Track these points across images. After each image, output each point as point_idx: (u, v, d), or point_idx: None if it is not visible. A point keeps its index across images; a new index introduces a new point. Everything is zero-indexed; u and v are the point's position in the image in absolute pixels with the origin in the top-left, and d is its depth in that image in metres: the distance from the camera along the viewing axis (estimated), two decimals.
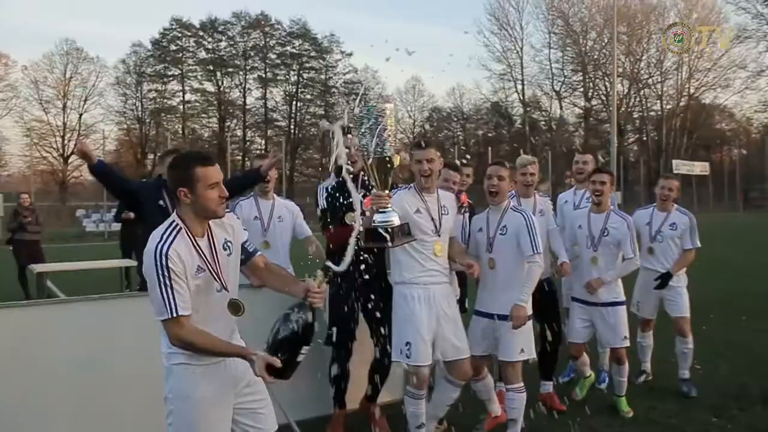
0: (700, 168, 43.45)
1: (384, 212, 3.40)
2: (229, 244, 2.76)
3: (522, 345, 4.10)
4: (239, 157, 43.09)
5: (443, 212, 4.01)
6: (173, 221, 2.65)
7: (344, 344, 4.29)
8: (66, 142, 42.27)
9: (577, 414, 4.78)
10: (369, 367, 4.45)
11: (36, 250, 10.79)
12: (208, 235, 2.70)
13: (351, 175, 3.22)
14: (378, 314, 4.21)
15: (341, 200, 4.23)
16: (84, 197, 40.70)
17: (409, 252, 3.89)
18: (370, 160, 3.32)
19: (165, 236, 2.57)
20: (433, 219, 3.95)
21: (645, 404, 5.03)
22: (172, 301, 2.50)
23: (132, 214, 10.99)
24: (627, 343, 4.83)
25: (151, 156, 44.73)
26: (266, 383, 2.67)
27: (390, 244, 3.41)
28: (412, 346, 3.81)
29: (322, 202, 4.35)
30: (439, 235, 3.95)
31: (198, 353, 2.61)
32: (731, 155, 55.33)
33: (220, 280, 2.67)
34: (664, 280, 5.23)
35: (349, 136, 3.68)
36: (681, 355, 5.38)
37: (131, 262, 10.02)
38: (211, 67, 44.89)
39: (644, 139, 53.37)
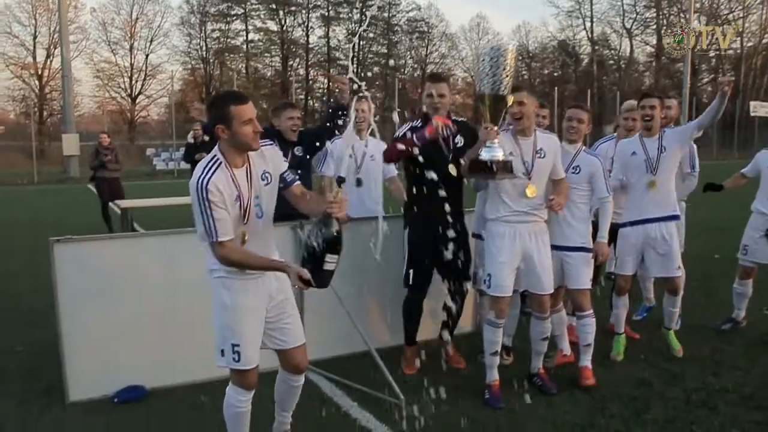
0: None
1: (490, 147, 3.68)
2: (267, 174, 3.06)
3: (589, 274, 4.47)
4: (302, 96, 43.33)
5: (538, 155, 4.11)
6: (214, 155, 2.93)
7: (420, 287, 4.48)
8: (133, 82, 43.34)
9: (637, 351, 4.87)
10: (442, 305, 4.60)
11: (117, 187, 11.36)
12: (247, 167, 2.97)
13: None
14: (453, 256, 4.32)
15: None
16: (150, 136, 42.00)
17: (501, 192, 4.11)
18: (486, 94, 3.62)
19: (206, 170, 2.86)
20: (524, 162, 4.08)
21: (710, 346, 5.13)
22: (213, 227, 2.85)
23: (205, 155, 11.43)
24: (680, 273, 4.85)
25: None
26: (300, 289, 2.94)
27: (493, 177, 3.72)
28: (492, 278, 4.12)
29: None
30: (530, 178, 4.08)
31: (241, 269, 2.96)
32: None
33: (253, 208, 2.97)
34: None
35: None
36: None
37: None
38: (274, 6, 44.75)
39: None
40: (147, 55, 43.57)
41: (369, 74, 47.36)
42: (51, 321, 5.65)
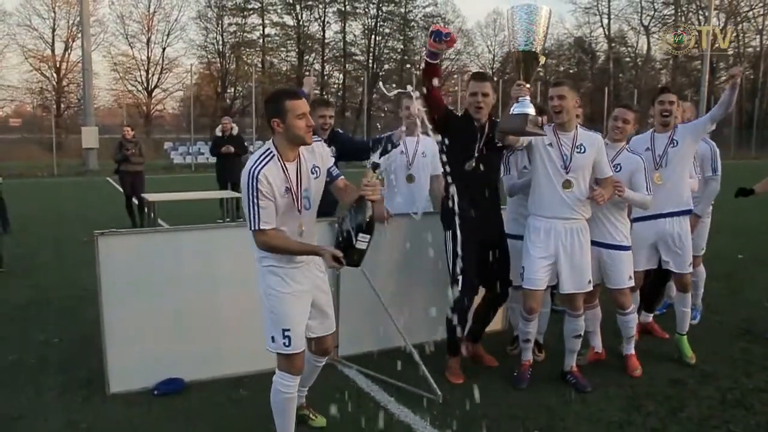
0: None
1: (522, 102, 3.74)
2: (317, 168, 3.23)
3: (629, 272, 4.49)
4: (317, 91, 43.34)
5: (578, 150, 4.14)
6: (268, 148, 3.11)
7: (471, 292, 4.37)
8: (150, 75, 43.54)
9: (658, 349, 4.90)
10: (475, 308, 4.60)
11: (139, 181, 11.39)
12: (298, 162, 3.15)
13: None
14: (500, 259, 4.36)
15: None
16: (166, 129, 42.21)
17: (539, 185, 4.19)
18: (519, 50, 3.69)
19: (259, 160, 3.04)
20: (563, 156, 4.12)
21: (739, 345, 5.14)
22: (257, 215, 3.01)
23: (233, 148, 11.51)
24: (692, 270, 4.85)
25: (230, 89, 45.57)
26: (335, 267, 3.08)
27: (523, 131, 3.75)
28: (525, 271, 4.25)
29: None
30: (567, 172, 4.11)
31: (280, 254, 3.12)
32: None
33: (303, 200, 3.16)
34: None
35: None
36: None
37: (232, 194, 10.50)
38: (291, 0, 44.77)
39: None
40: (164, 49, 43.73)
41: (385, 67, 47.37)
42: (82, 313, 5.81)
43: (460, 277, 4.18)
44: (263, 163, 3.04)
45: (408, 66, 46.08)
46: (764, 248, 5.13)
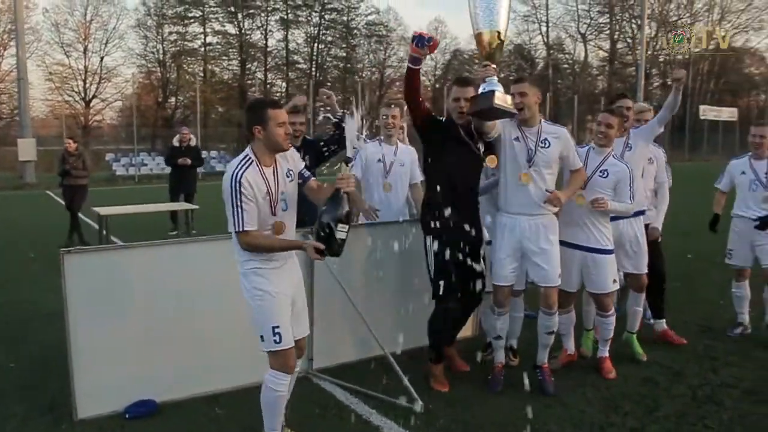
0: (727, 114, 42.62)
1: (488, 82, 3.86)
2: (291, 172, 3.40)
3: (613, 275, 4.58)
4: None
5: (542, 144, 4.20)
6: (247, 154, 3.24)
7: (452, 297, 4.30)
8: (87, 85, 42.20)
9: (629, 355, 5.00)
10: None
11: (80, 196, 10.74)
12: (274, 167, 3.30)
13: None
14: (477, 261, 4.35)
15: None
16: (105, 140, 40.88)
17: (505, 181, 4.25)
18: (480, 29, 3.82)
19: (240, 165, 3.18)
20: (528, 150, 4.17)
21: (703, 343, 5.31)
22: (240, 217, 3.14)
23: (189, 160, 11.20)
24: (645, 270, 4.95)
25: (172, 99, 44.59)
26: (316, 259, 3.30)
27: (491, 106, 3.81)
28: (492, 267, 4.37)
29: None
30: (530, 166, 4.16)
31: (264, 252, 3.24)
32: (758, 101, 54.19)
33: (279, 203, 3.29)
34: (764, 222, 5.23)
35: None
36: None
37: (188, 205, 10.24)
38: (233, 9, 44.13)
39: (669, 83, 52.10)
40: (102, 58, 42.44)
41: (329, 77, 47.26)
42: (36, 335, 5.54)
43: (441, 282, 4.18)
44: (245, 168, 3.18)
45: (351, 75, 46.17)
46: (709, 246, 5.29)
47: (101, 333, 3.95)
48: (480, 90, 3.91)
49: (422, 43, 3.81)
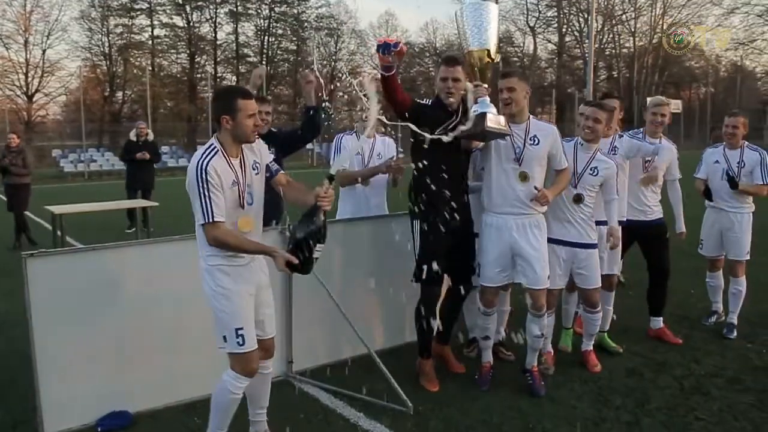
0: (673, 106, 43.65)
1: (481, 103, 3.77)
2: (257, 164, 3.26)
3: (599, 270, 4.54)
4: (209, 94, 41.92)
5: (531, 142, 4.07)
6: (212, 144, 3.10)
7: (436, 281, 4.17)
8: (30, 79, 40.55)
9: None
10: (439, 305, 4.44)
11: (22, 195, 10.14)
12: (240, 158, 3.16)
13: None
14: (466, 248, 4.27)
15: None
16: (49, 136, 39.38)
17: (492, 179, 4.11)
18: (470, 48, 3.75)
19: (205, 155, 3.04)
20: (515, 147, 4.05)
21: (682, 333, 5.31)
22: (209, 208, 2.98)
23: (147, 155, 10.76)
24: (617, 271, 4.99)
25: (119, 93, 43.27)
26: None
27: (484, 127, 3.73)
28: (480, 268, 4.25)
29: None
30: (519, 164, 4.04)
31: (231, 251, 3.08)
32: (699, 93, 55.94)
33: (246, 195, 3.15)
34: (732, 180, 5.28)
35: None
36: (732, 297, 5.44)
37: (148, 203, 9.86)
38: (180, 1, 43.03)
39: (615, 76, 53.41)
40: (44, 51, 40.78)
41: (280, 70, 46.60)
42: None
43: (425, 267, 4.06)
44: (210, 157, 3.04)
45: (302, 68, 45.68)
46: (678, 237, 5.34)
47: (68, 341, 3.68)
48: (471, 111, 3.78)
49: (387, 50, 3.56)
